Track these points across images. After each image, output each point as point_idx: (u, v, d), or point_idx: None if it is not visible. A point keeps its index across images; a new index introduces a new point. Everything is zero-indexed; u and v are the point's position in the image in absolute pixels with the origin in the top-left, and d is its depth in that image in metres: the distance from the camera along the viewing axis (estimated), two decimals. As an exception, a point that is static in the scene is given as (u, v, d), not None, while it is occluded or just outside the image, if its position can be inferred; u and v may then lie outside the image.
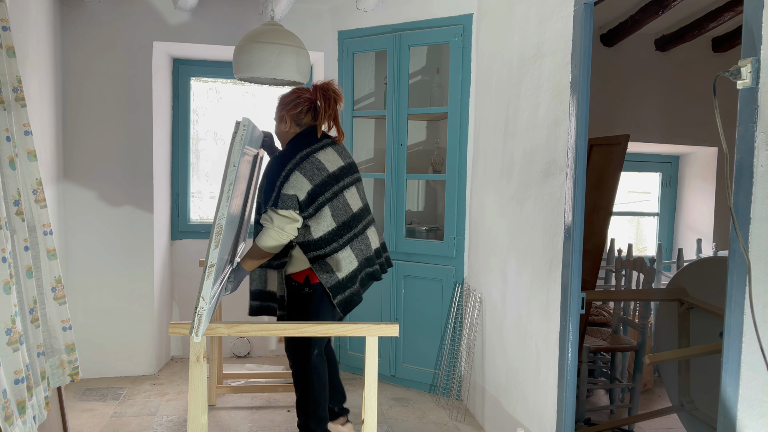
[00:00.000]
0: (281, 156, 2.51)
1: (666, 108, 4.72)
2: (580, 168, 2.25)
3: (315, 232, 2.48)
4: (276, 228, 2.41)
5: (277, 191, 2.42)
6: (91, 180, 3.64)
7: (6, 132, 2.16)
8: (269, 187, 2.46)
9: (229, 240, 2.18)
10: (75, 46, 3.56)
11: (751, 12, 1.43)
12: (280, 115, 2.63)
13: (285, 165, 2.46)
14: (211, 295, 1.92)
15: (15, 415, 1.92)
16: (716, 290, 2.80)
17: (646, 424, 3.29)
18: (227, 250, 2.22)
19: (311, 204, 2.46)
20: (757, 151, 1.40)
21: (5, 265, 1.93)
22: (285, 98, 2.64)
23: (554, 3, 2.44)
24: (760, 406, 1.40)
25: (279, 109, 2.64)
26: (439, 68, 4.01)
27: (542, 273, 2.51)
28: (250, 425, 3.12)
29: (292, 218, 2.43)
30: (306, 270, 2.57)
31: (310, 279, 2.56)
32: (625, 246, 4.92)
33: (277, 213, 2.42)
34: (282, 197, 2.41)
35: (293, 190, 2.42)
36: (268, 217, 2.43)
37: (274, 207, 2.42)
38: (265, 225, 2.44)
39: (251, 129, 2.13)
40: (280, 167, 2.46)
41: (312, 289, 2.56)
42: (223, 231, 1.90)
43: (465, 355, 3.40)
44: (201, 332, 1.93)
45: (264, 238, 2.44)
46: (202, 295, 1.89)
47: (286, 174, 2.43)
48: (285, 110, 2.61)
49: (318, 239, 2.48)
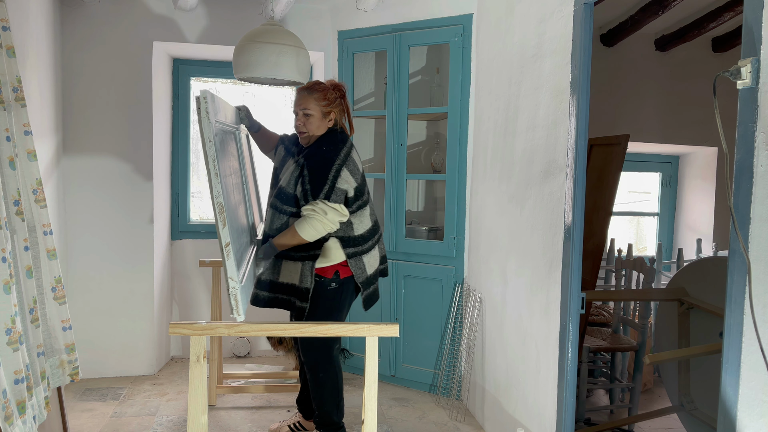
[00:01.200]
0: (325, 152, 2.55)
1: (666, 108, 4.72)
2: (580, 168, 2.25)
3: (357, 229, 2.61)
4: (326, 219, 2.47)
5: (331, 184, 2.48)
6: (91, 180, 3.64)
7: (6, 132, 2.16)
8: (316, 179, 2.49)
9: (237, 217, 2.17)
10: (75, 46, 3.56)
11: (751, 12, 1.43)
12: (325, 111, 2.61)
13: (333, 160, 2.53)
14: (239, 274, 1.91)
15: (15, 415, 1.92)
16: (716, 290, 2.80)
17: (646, 424, 3.29)
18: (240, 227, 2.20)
19: (356, 201, 2.58)
20: (757, 151, 1.40)
21: (5, 265, 1.93)
22: (327, 93, 2.61)
23: (554, 3, 2.44)
24: (760, 406, 1.40)
25: (324, 105, 2.60)
26: (439, 68, 4.01)
27: (542, 273, 2.51)
28: (250, 425, 3.12)
29: (342, 213, 2.51)
30: (336, 265, 2.62)
31: (340, 274, 2.63)
32: (625, 246, 4.92)
33: (329, 206, 2.47)
34: (336, 191, 2.49)
35: (345, 185, 2.53)
36: (319, 209, 2.47)
37: (326, 200, 2.47)
38: (311, 215, 2.47)
39: (212, 100, 2.07)
40: (327, 161, 2.52)
41: (338, 284, 2.62)
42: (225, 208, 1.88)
43: (465, 355, 3.40)
44: (242, 311, 1.93)
45: (306, 227, 2.47)
46: (229, 275, 1.87)
47: (337, 169, 2.51)
48: (331, 106, 2.62)
49: (358, 236, 2.61)
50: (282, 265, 2.63)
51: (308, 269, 2.58)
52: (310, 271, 2.58)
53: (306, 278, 2.58)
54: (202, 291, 4.18)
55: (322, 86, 2.63)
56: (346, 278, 2.65)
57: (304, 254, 2.59)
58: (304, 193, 2.52)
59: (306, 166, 2.53)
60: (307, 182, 2.51)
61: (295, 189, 2.56)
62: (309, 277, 2.58)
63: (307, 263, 2.58)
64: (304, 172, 2.53)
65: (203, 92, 1.99)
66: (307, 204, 2.50)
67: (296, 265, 2.60)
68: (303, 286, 2.59)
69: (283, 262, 2.62)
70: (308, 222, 2.47)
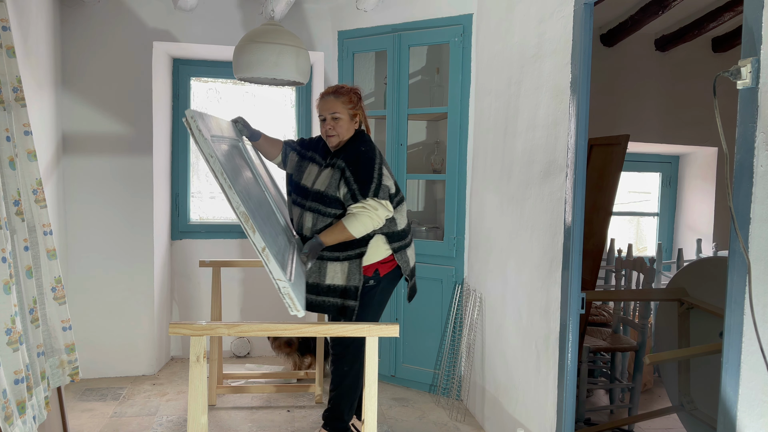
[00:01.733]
0: (365, 153, 2.63)
1: (666, 108, 4.72)
2: (580, 168, 2.25)
3: (399, 224, 2.71)
4: (375, 216, 2.53)
5: (377, 182, 2.57)
6: (91, 180, 3.64)
7: (6, 132, 2.16)
8: (362, 178, 2.55)
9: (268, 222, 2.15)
10: (75, 47, 3.56)
11: (751, 12, 1.43)
12: (352, 113, 2.69)
13: (374, 159, 2.62)
14: (286, 273, 1.89)
15: (15, 415, 1.92)
16: (716, 290, 2.80)
17: (646, 424, 3.29)
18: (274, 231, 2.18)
19: (395, 197, 2.68)
20: (757, 151, 1.40)
21: (5, 265, 1.93)
22: (353, 97, 2.69)
23: (554, 3, 2.44)
24: (760, 406, 1.40)
25: (350, 107, 2.68)
26: (439, 68, 4.01)
27: (542, 273, 2.51)
28: (250, 425, 3.12)
29: (389, 209, 2.60)
30: (376, 263, 2.69)
31: (380, 272, 2.70)
32: (625, 246, 4.92)
33: (379, 203, 2.55)
34: (382, 188, 2.58)
35: (388, 182, 2.63)
36: (369, 206, 2.53)
37: (375, 197, 2.55)
38: (361, 212, 2.53)
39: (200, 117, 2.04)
40: (370, 160, 2.60)
41: (376, 282, 2.69)
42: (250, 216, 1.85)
43: (465, 355, 3.40)
44: (300, 307, 1.92)
45: (356, 223, 2.52)
46: (275, 277, 1.87)
47: (379, 167, 2.61)
48: (357, 108, 2.70)
49: (401, 231, 2.72)
50: (327, 267, 2.64)
51: (355, 268, 2.63)
52: (357, 269, 2.63)
53: (354, 276, 2.62)
54: (202, 291, 4.18)
55: (347, 89, 2.70)
56: (385, 275, 2.72)
57: (350, 253, 2.62)
58: (351, 193, 2.56)
59: (348, 168, 2.59)
60: (353, 182, 2.56)
61: (337, 191, 2.60)
62: (357, 275, 2.62)
63: (354, 262, 2.63)
64: (346, 174, 2.58)
65: (188, 112, 1.95)
66: (355, 203, 2.55)
67: (342, 265, 2.63)
68: (352, 284, 2.62)
69: (328, 264, 2.63)
70: (357, 218, 2.52)
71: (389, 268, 2.73)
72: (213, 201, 4.29)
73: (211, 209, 4.29)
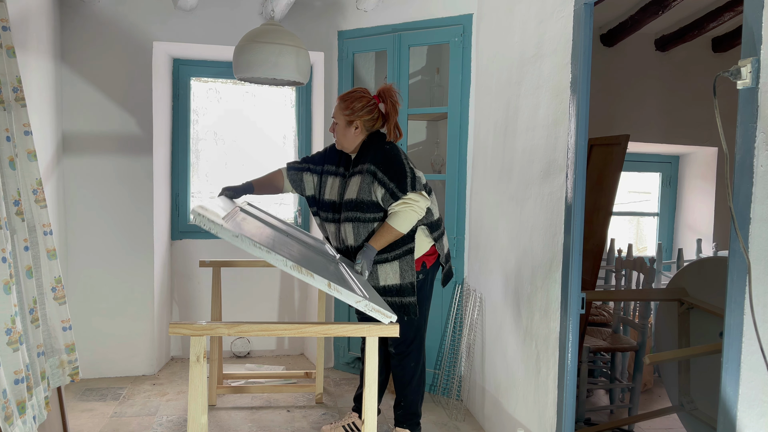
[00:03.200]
0: (389, 151, 2.63)
1: (666, 108, 4.72)
2: (580, 168, 2.25)
3: (434, 213, 2.75)
4: (417, 207, 2.56)
5: (411, 175, 2.59)
6: (91, 180, 3.64)
7: (6, 132, 2.16)
8: (396, 175, 2.56)
9: (311, 258, 2.18)
10: (75, 47, 3.56)
11: (751, 12, 1.43)
12: (348, 120, 2.66)
13: (400, 156, 2.64)
14: (359, 293, 1.90)
15: (15, 415, 1.92)
16: (716, 290, 2.80)
17: (646, 424, 3.29)
18: (319, 261, 2.20)
19: (427, 187, 2.70)
20: (757, 151, 1.40)
21: (5, 265, 1.93)
22: (353, 104, 2.66)
23: (554, 3, 2.44)
24: (760, 406, 1.40)
25: (347, 114, 2.66)
26: (439, 68, 4.01)
27: (542, 273, 2.51)
28: (250, 425, 3.12)
29: (428, 198, 2.64)
30: (422, 257, 2.74)
31: (426, 264, 2.76)
32: (625, 246, 4.92)
33: (419, 194, 2.58)
34: (417, 180, 2.61)
35: (420, 173, 2.66)
36: (410, 200, 2.55)
37: (413, 190, 2.57)
38: (403, 208, 2.55)
39: (205, 210, 2.01)
40: (396, 157, 2.62)
41: (425, 275, 2.76)
42: (301, 265, 1.86)
43: (465, 355, 3.40)
44: (388, 313, 1.93)
45: (403, 220, 2.55)
46: (354, 302, 1.89)
47: (407, 161, 2.63)
48: (355, 115, 2.66)
49: (438, 219, 2.77)
50: (378, 270, 2.64)
51: (407, 265, 2.65)
52: (409, 266, 2.65)
53: (407, 273, 2.65)
54: (202, 291, 4.18)
55: (350, 96, 2.70)
56: (431, 266, 2.79)
57: (398, 252, 2.63)
58: (389, 193, 2.56)
59: (379, 169, 2.59)
60: (388, 182, 2.57)
61: (372, 195, 2.59)
62: (410, 271, 2.65)
63: (404, 259, 2.64)
64: (379, 176, 2.58)
65: (193, 212, 1.96)
66: (396, 200, 2.56)
67: (392, 265, 2.64)
68: (407, 281, 2.65)
69: (378, 267, 2.64)
70: (403, 215, 2.55)
71: (433, 260, 2.80)
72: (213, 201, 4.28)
73: (211, 209, 4.28)
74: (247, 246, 1.78)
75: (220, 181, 4.27)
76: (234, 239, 1.79)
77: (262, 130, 4.33)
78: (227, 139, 4.29)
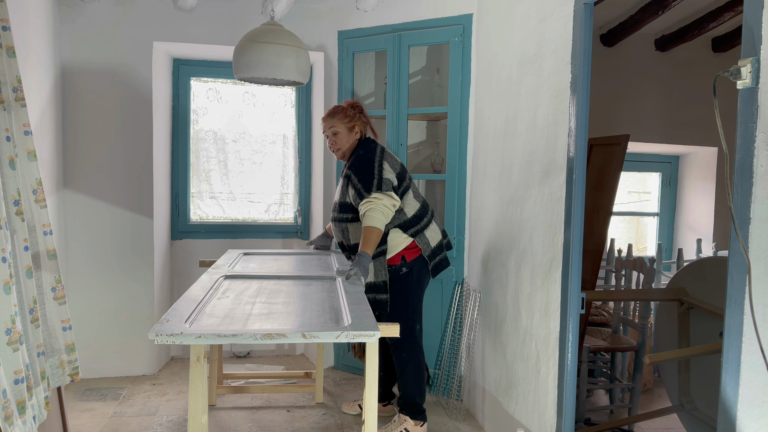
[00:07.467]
0: (363, 155, 2.90)
1: (666, 108, 4.72)
2: (580, 168, 2.25)
3: (408, 211, 2.91)
4: (383, 205, 2.75)
5: (378, 177, 2.80)
6: (91, 180, 3.64)
7: (6, 132, 2.16)
8: (363, 177, 2.81)
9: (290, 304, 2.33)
10: (75, 46, 3.56)
11: (751, 12, 1.43)
12: (349, 126, 2.98)
13: (372, 158, 2.87)
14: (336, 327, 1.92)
15: (15, 415, 1.92)
16: (716, 290, 2.80)
17: (646, 424, 3.29)
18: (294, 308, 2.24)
19: (399, 188, 2.87)
20: (757, 151, 1.40)
21: (5, 265, 1.93)
22: (347, 111, 2.98)
23: (554, 3, 2.44)
24: (760, 406, 1.40)
25: (347, 121, 2.97)
26: (439, 68, 4.01)
27: (542, 273, 2.51)
28: (250, 425, 3.12)
29: (394, 198, 2.81)
30: (400, 252, 2.91)
31: (407, 258, 2.91)
32: (625, 246, 4.92)
33: (383, 193, 2.78)
34: (384, 181, 2.81)
35: (389, 175, 2.84)
36: (374, 198, 2.76)
37: (378, 190, 2.78)
38: (369, 207, 2.75)
39: (164, 327, 1.98)
40: (368, 160, 2.86)
41: (408, 268, 2.92)
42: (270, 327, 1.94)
43: (465, 355, 3.40)
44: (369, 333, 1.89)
45: (372, 218, 2.74)
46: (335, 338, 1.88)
47: (378, 163, 2.85)
48: (354, 120, 2.98)
49: (412, 217, 2.91)
50: None
51: (380, 265, 2.87)
52: (382, 266, 2.87)
53: (380, 272, 2.87)
54: (202, 291, 4.18)
55: (341, 107, 3.01)
56: (413, 260, 2.92)
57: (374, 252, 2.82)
58: (357, 193, 2.82)
59: (353, 172, 2.86)
60: (357, 183, 2.83)
61: (347, 196, 2.90)
62: (383, 270, 2.87)
63: (378, 259, 2.86)
64: (352, 179, 2.86)
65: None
66: (361, 201, 2.78)
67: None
68: (380, 280, 2.87)
69: None
70: (371, 214, 2.75)
71: (416, 253, 2.94)
72: (213, 201, 4.29)
73: (211, 209, 4.29)
74: (212, 341, 1.82)
75: (220, 182, 4.27)
76: (197, 340, 1.81)
77: (262, 130, 4.33)
78: (227, 139, 4.29)
